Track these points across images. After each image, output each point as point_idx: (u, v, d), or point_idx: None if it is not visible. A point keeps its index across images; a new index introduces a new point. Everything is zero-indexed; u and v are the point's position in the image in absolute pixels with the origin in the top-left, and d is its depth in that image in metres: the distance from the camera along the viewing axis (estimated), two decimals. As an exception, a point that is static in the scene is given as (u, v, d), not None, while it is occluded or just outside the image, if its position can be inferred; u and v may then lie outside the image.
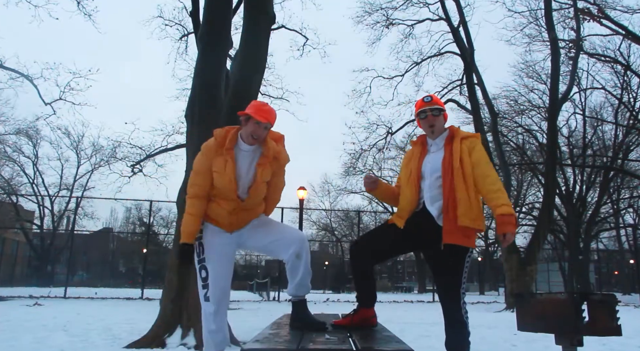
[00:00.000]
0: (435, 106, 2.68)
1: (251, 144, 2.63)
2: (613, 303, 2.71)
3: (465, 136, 2.64)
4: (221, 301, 2.64)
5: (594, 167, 24.41)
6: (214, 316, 2.62)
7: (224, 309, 2.69)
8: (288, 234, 2.68)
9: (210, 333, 2.64)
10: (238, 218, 2.69)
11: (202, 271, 2.65)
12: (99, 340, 5.44)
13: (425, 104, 2.70)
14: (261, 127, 2.58)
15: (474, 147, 2.58)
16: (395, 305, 16.88)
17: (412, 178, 2.63)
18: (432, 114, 2.66)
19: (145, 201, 29.61)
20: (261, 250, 2.85)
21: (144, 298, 17.03)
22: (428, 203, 2.57)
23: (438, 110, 2.68)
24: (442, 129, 2.70)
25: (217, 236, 2.67)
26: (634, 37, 17.62)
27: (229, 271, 2.71)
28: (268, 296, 21.20)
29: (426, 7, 18.95)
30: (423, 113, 2.69)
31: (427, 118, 2.67)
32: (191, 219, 2.63)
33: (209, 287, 2.62)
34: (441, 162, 2.56)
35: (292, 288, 2.65)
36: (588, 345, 2.83)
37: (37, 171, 31.58)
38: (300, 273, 2.61)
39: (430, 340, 5.80)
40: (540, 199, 24.19)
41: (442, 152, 2.62)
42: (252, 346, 1.91)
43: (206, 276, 2.63)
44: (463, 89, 19.25)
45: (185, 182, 6.08)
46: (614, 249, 37.23)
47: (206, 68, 6.45)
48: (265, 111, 2.59)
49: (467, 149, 2.56)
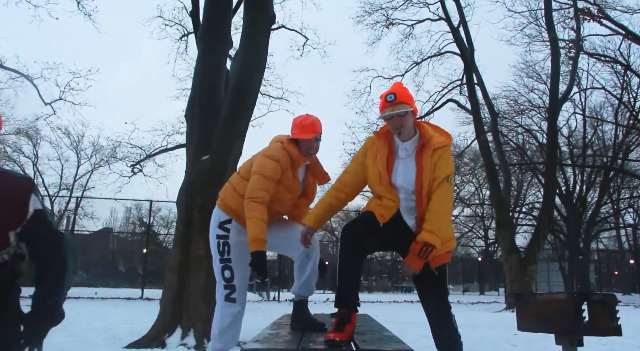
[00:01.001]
0: (400, 110, 2.28)
1: (309, 158, 2.71)
2: (613, 303, 2.71)
3: (437, 146, 2.31)
4: (244, 304, 2.66)
5: (594, 167, 24.40)
6: (234, 317, 2.61)
7: (243, 311, 2.69)
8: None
9: (224, 331, 2.62)
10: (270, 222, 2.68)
11: (225, 271, 2.61)
12: (99, 340, 5.44)
13: (389, 105, 2.31)
14: (312, 141, 2.63)
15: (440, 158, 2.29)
16: (395, 305, 16.87)
17: (384, 182, 2.32)
18: (397, 116, 2.30)
19: (145, 201, 29.63)
20: (273, 247, 2.82)
21: (144, 298, 17.02)
22: (404, 213, 2.33)
23: (404, 112, 2.31)
24: (410, 129, 2.35)
25: (243, 238, 2.60)
26: (634, 37, 17.62)
27: (249, 273, 2.70)
28: (268, 296, 21.20)
29: (426, 7, 18.96)
30: (388, 115, 2.31)
31: (392, 120, 2.31)
32: (262, 226, 2.48)
33: (233, 288, 2.60)
34: (414, 180, 2.28)
35: (297, 287, 2.65)
36: (588, 345, 2.83)
37: (37, 171, 31.55)
38: (307, 273, 2.61)
39: (430, 340, 5.78)
40: (540, 199, 24.19)
41: (413, 165, 2.31)
42: (252, 346, 1.91)
43: (230, 277, 2.60)
44: (463, 89, 19.25)
45: (186, 182, 6.08)
46: (614, 249, 37.22)
47: (206, 68, 6.46)
48: (308, 125, 2.62)
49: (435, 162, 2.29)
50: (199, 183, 5.70)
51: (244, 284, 2.63)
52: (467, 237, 37.73)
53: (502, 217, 15.88)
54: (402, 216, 2.32)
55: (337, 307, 2.21)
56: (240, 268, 2.60)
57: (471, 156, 27.63)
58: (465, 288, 42.00)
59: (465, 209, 35.19)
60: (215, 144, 5.83)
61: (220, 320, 2.62)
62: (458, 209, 35.29)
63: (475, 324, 9.02)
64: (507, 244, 15.31)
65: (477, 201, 34.46)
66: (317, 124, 2.64)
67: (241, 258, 2.60)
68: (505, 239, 15.45)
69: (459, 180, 33.13)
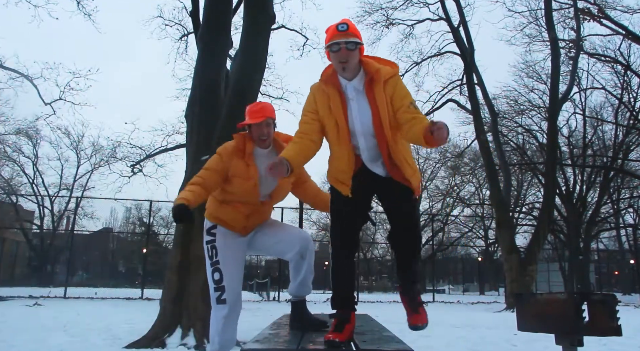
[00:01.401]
0: (351, 39, 2.12)
1: (264, 146, 2.66)
2: (613, 303, 2.71)
3: (387, 77, 2.18)
4: (235, 304, 2.65)
5: (594, 167, 24.41)
6: (225, 319, 2.62)
7: (237, 312, 2.69)
8: (293, 234, 2.70)
9: (219, 334, 2.64)
10: (253, 220, 2.71)
11: (215, 273, 2.64)
12: (99, 340, 5.44)
13: (340, 34, 2.12)
14: (262, 126, 2.61)
15: (394, 88, 2.18)
16: (395, 305, 16.87)
17: (342, 135, 2.17)
18: (346, 48, 2.12)
19: (145, 201, 29.64)
20: (267, 251, 2.86)
21: (143, 298, 17.02)
22: (369, 163, 2.20)
23: (354, 43, 2.13)
24: (356, 66, 2.18)
25: (230, 239, 2.67)
26: (634, 37, 17.63)
27: (241, 274, 2.73)
28: (268, 296, 21.20)
29: (426, 7, 18.96)
30: (336, 45, 2.13)
31: (339, 52, 2.13)
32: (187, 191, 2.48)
33: (223, 289, 2.61)
34: (371, 121, 2.14)
35: (293, 288, 2.65)
36: (588, 345, 2.83)
37: (37, 171, 31.56)
38: (303, 273, 2.62)
39: (430, 340, 5.79)
40: (540, 199, 24.21)
41: (366, 103, 2.16)
42: (252, 346, 1.91)
43: (220, 278, 2.62)
44: (463, 89, 19.26)
45: (186, 182, 6.08)
46: (614, 249, 37.22)
47: (206, 68, 6.46)
48: (257, 111, 2.63)
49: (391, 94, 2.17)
50: (199, 183, 5.69)
51: (234, 284, 2.63)
52: (467, 237, 37.73)
53: (502, 217, 15.88)
54: (368, 168, 2.20)
55: (335, 308, 2.19)
56: (227, 271, 2.63)
57: (471, 156, 27.64)
58: (465, 288, 42.03)
59: (465, 209, 35.24)
60: (215, 144, 5.82)
61: (214, 323, 2.66)
62: (458, 209, 35.34)
63: (475, 324, 9.02)
64: (507, 244, 15.31)
65: (477, 201, 34.48)
66: (267, 109, 2.65)
67: (228, 258, 2.65)
68: (505, 239, 15.45)
69: (459, 180, 33.18)
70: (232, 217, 2.68)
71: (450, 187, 34.15)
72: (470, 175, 30.84)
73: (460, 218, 35.53)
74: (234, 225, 2.69)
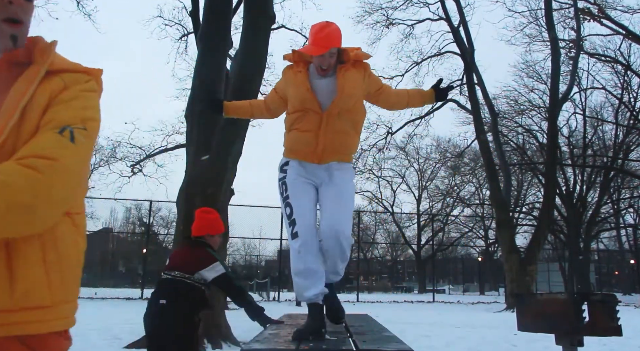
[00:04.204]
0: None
1: (323, 75, 2.42)
2: (613, 303, 2.71)
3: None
4: (309, 236, 2.40)
5: (594, 167, 24.42)
6: (299, 254, 2.37)
7: (312, 245, 2.41)
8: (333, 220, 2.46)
9: (298, 275, 2.39)
10: (324, 141, 2.44)
11: (286, 208, 2.50)
12: (99, 340, 5.44)
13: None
14: (325, 57, 2.34)
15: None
16: (395, 305, 16.88)
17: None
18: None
19: (145, 201, 29.54)
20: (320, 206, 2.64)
21: (144, 298, 17.01)
22: None
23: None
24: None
25: (301, 173, 2.51)
26: (634, 37, 17.63)
27: (313, 208, 2.53)
28: (268, 296, 21.21)
29: (426, 7, 18.99)
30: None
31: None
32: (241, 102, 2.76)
33: (295, 223, 2.43)
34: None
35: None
36: (588, 345, 2.83)
37: (37, 171, 31.55)
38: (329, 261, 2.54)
39: (430, 340, 5.80)
40: (540, 199, 24.21)
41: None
42: (252, 346, 1.91)
43: (291, 212, 2.46)
44: (463, 89, 19.27)
45: (186, 182, 6.08)
46: (614, 249, 37.25)
47: (206, 68, 6.47)
48: (320, 39, 2.30)
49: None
50: (199, 183, 5.70)
51: (305, 217, 2.43)
52: (467, 237, 37.77)
53: (502, 217, 15.88)
54: None
55: None
56: (298, 201, 2.47)
57: (471, 156, 27.65)
58: (465, 288, 42.04)
59: (465, 209, 35.25)
60: (215, 144, 5.83)
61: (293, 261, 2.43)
62: (458, 209, 35.36)
63: (475, 324, 9.02)
64: (507, 244, 15.32)
65: (477, 201, 34.49)
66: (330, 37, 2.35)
67: (298, 192, 2.50)
68: (505, 239, 15.46)
69: (459, 180, 33.20)
70: (299, 140, 2.49)
71: (450, 187, 34.22)
72: (470, 175, 30.87)
73: (460, 218, 35.58)
74: (305, 150, 2.49)
